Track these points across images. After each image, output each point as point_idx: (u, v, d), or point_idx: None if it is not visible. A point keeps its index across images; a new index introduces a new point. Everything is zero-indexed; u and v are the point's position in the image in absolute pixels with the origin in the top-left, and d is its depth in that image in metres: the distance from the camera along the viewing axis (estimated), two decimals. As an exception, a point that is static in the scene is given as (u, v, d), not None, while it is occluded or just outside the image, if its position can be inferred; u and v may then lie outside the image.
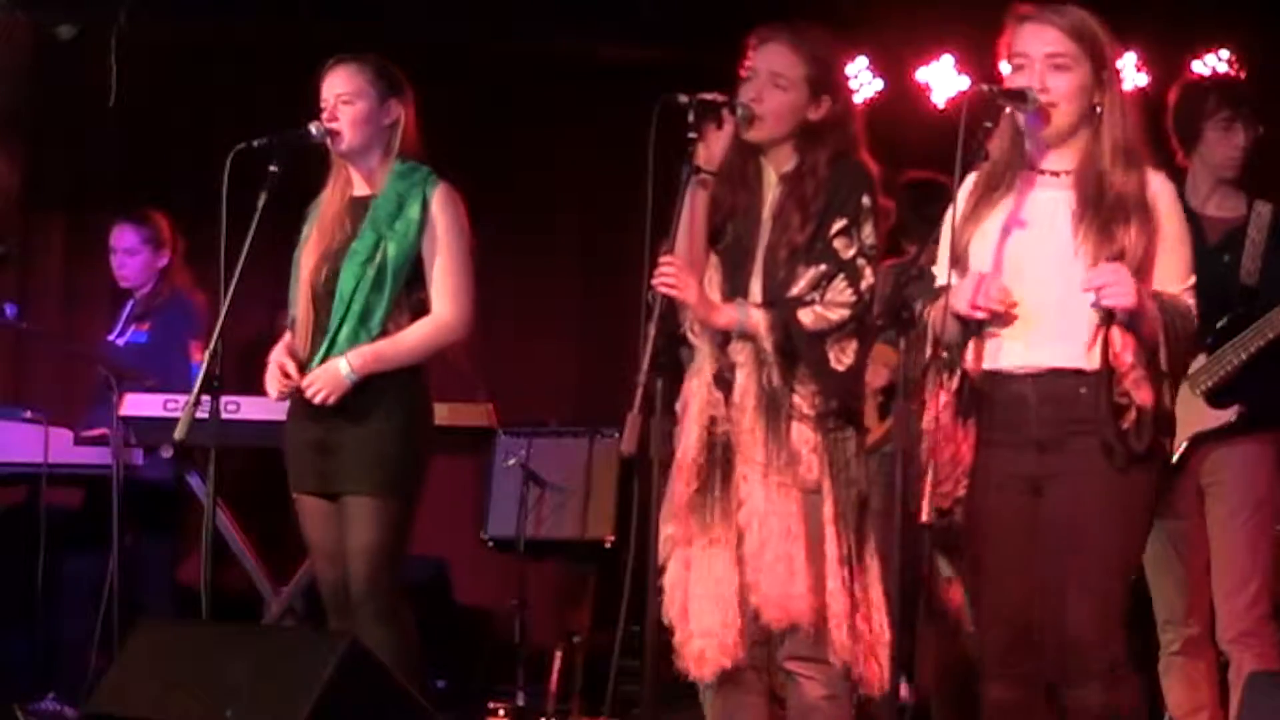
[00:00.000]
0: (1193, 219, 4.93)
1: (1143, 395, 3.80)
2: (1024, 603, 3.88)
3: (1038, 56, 3.91)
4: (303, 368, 4.81)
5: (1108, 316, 3.82)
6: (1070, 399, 3.83)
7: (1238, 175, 5.03)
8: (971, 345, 3.94)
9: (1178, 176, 5.05)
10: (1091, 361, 3.83)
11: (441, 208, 4.84)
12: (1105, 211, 3.85)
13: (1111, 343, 3.80)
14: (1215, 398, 4.89)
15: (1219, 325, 4.87)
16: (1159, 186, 3.94)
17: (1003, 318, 3.89)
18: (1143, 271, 3.84)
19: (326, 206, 4.91)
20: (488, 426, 6.18)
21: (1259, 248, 4.97)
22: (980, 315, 3.88)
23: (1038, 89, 3.89)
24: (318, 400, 4.74)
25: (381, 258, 4.78)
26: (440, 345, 4.85)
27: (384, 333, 4.79)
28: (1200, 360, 4.89)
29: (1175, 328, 3.83)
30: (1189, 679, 5.03)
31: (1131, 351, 3.81)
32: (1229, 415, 4.87)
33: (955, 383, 3.95)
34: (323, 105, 4.85)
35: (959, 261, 3.96)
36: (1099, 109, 3.92)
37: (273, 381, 4.83)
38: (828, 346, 4.26)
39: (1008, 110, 3.94)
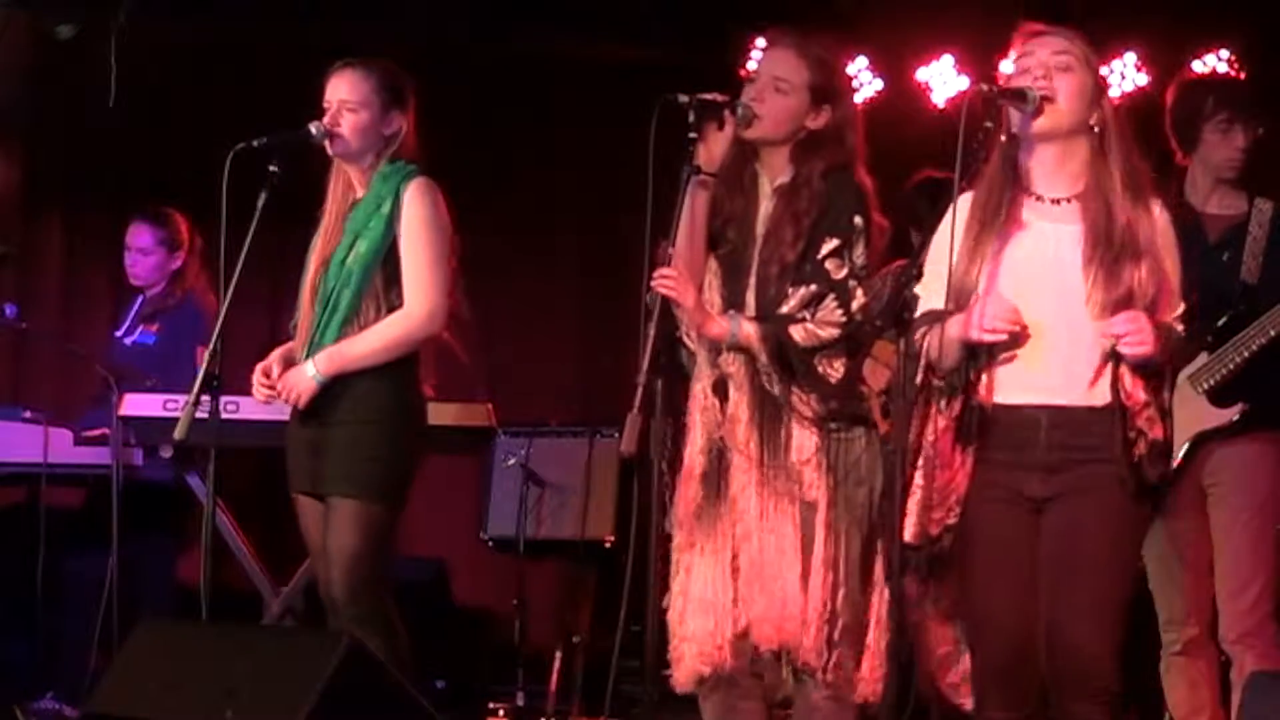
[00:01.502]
0: (1193, 217, 4.93)
1: (1155, 430, 3.81)
2: (1018, 622, 3.84)
3: (1044, 56, 3.89)
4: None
5: (1115, 355, 3.80)
6: (1083, 428, 3.82)
7: (1238, 176, 5.02)
8: (983, 376, 3.88)
9: (1176, 174, 5.05)
10: (1099, 398, 3.82)
11: (412, 200, 4.76)
12: (1114, 250, 3.82)
13: (1122, 382, 3.80)
14: (1217, 397, 4.89)
15: (1220, 323, 4.87)
16: (1162, 221, 3.92)
17: (1012, 342, 3.84)
18: (1150, 309, 3.82)
19: (330, 211, 4.90)
20: (487, 426, 6.17)
21: (1260, 245, 4.96)
22: (991, 339, 3.83)
23: (1040, 76, 3.87)
24: (288, 402, 4.74)
25: (353, 255, 4.77)
26: (409, 340, 4.76)
27: (352, 330, 4.75)
28: (1201, 359, 4.89)
29: (1173, 358, 3.88)
30: (1190, 679, 5.02)
31: (1142, 389, 3.80)
32: (1231, 414, 4.86)
33: (957, 408, 3.88)
34: (326, 106, 4.84)
35: (962, 294, 3.88)
36: (1096, 129, 3.89)
37: (255, 386, 4.83)
38: (817, 362, 4.28)
39: (1001, 134, 3.90)
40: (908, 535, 3.88)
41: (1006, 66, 4.03)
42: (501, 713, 6.75)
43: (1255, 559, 4.93)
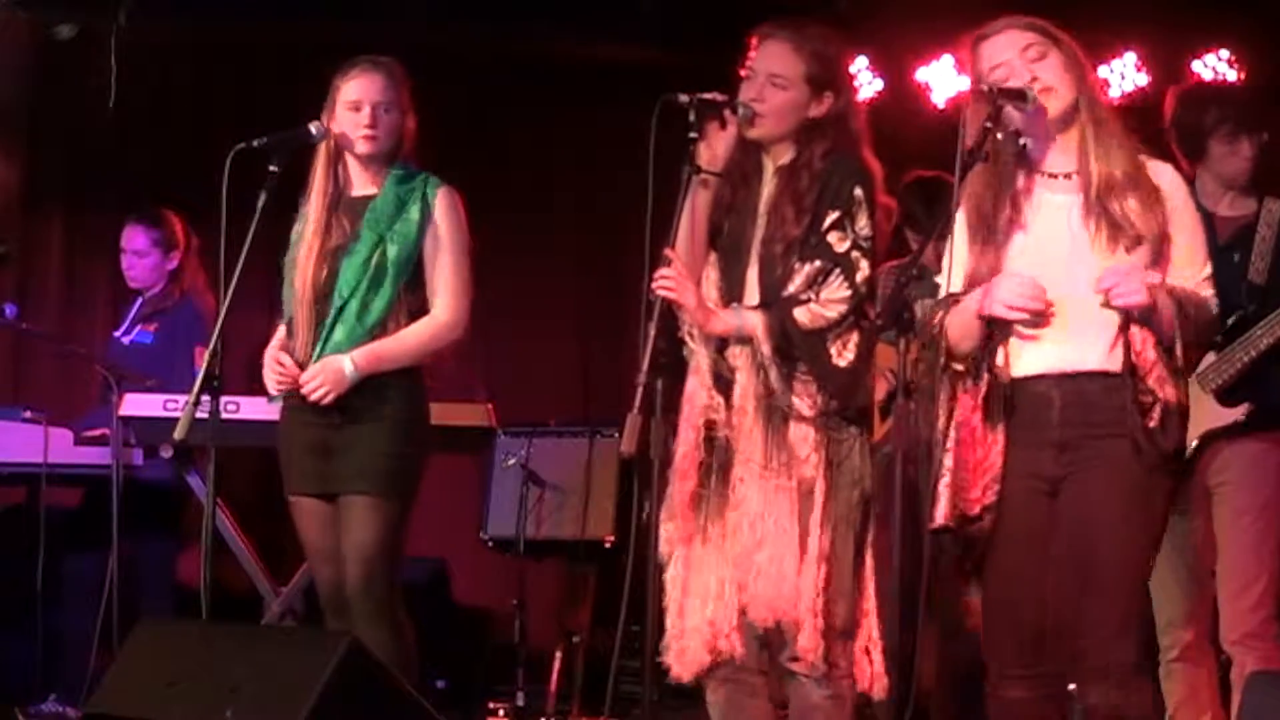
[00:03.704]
0: (1205, 218, 4.92)
1: (1167, 392, 3.81)
2: (1040, 603, 3.87)
3: (1014, 55, 3.93)
4: (302, 369, 4.81)
5: (1126, 316, 3.82)
6: (1094, 402, 3.83)
7: (1249, 183, 5.01)
8: (1000, 350, 3.92)
9: (1185, 178, 5.04)
10: (1114, 363, 3.82)
11: (444, 210, 4.86)
12: (1111, 201, 3.85)
13: (1132, 341, 3.81)
14: (1224, 396, 4.88)
15: (1228, 323, 4.85)
16: (1169, 177, 3.95)
17: (1032, 320, 3.87)
18: (1160, 256, 3.85)
19: (320, 206, 4.89)
20: (487, 426, 6.17)
21: (1268, 245, 4.96)
22: (1014, 316, 3.87)
23: (1029, 79, 3.90)
24: (316, 397, 4.74)
25: (381, 257, 4.79)
26: (439, 346, 4.87)
27: (383, 331, 4.79)
28: (1209, 358, 4.88)
29: (1191, 320, 3.82)
30: (1189, 684, 5.01)
31: (1152, 348, 3.81)
32: (1238, 414, 4.86)
33: (984, 387, 3.93)
34: (353, 107, 4.82)
35: (976, 279, 3.93)
36: (1080, 100, 3.94)
37: (270, 377, 4.84)
38: (828, 343, 4.27)
39: (1004, 114, 3.93)
40: (939, 518, 3.91)
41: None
42: (501, 713, 6.75)
43: (1258, 559, 4.92)
